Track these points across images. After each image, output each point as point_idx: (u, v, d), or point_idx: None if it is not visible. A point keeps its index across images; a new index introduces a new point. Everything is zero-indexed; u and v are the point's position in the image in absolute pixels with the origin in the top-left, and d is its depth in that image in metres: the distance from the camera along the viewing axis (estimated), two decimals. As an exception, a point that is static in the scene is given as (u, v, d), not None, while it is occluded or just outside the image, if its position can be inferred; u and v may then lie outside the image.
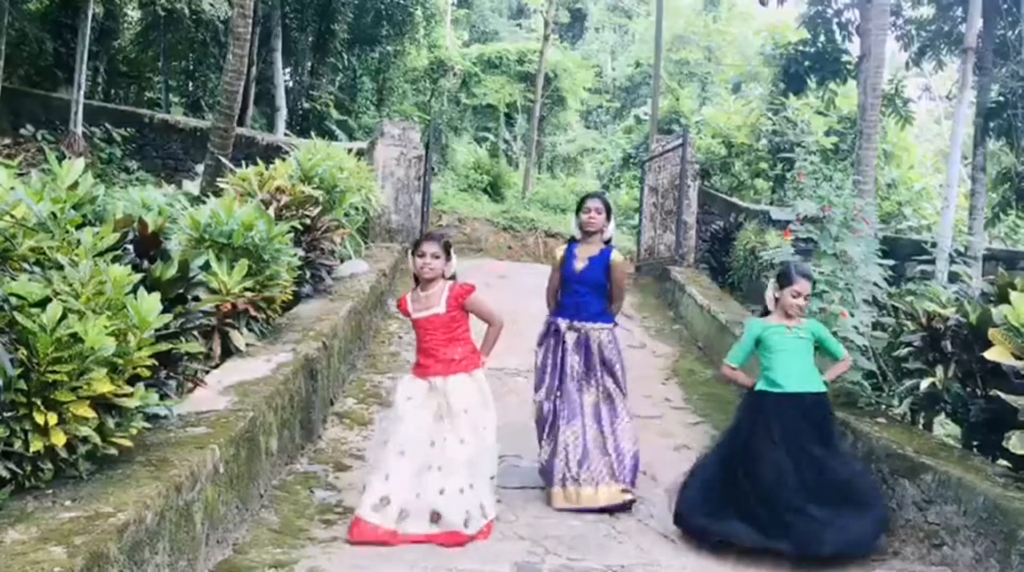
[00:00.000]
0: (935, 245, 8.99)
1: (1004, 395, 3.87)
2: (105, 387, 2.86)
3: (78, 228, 3.74)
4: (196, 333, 4.05)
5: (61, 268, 3.16)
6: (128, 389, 3.01)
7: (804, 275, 4.39)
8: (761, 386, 4.33)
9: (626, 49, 29.59)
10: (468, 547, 3.85)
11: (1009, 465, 4.02)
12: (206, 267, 4.67)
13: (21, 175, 4.18)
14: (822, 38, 14.32)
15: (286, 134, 15.99)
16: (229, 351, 4.71)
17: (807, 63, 14.59)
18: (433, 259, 4.14)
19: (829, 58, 14.35)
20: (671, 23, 23.32)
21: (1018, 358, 3.94)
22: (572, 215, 5.23)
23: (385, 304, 8.34)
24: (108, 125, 13.70)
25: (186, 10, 15.98)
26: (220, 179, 7.26)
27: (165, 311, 3.31)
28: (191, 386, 3.98)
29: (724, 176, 15.84)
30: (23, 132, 12.90)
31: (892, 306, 5.42)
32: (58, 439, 2.71)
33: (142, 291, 3.20)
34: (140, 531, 2.59)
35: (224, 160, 8.35)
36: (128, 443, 2.99)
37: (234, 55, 8.71)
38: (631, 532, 4.32)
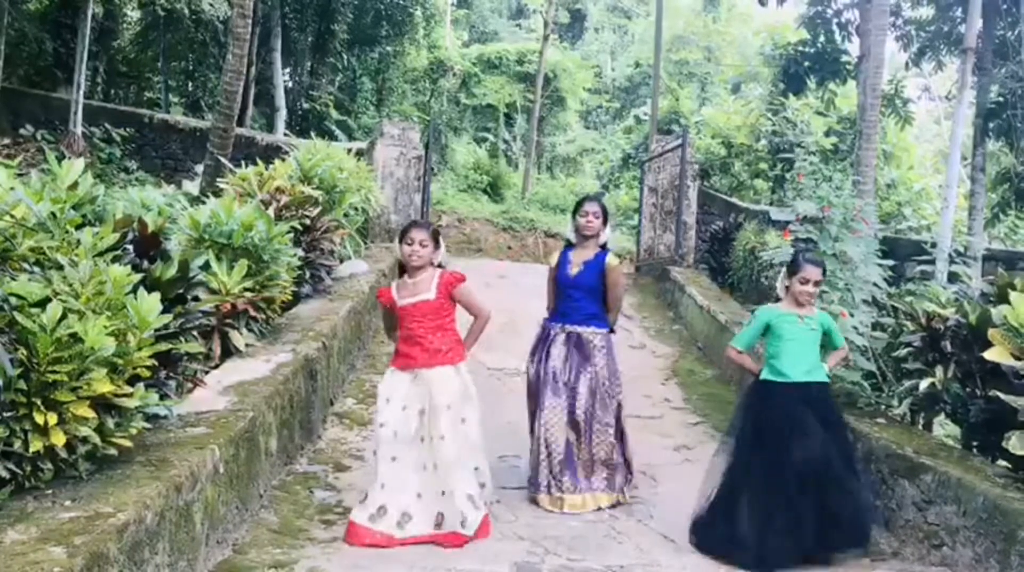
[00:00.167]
0: (935, 245, 8.99)
1: (1004, 395, 3.87)
2: (105, 387, 2.86)
3: (78, 228, 3.74)
4: (196, 333, 4.05)
5: (61, 268, 3.16)
6: (128, 389, 3.01)
7: (813, 262, 4.33)
8: (766, 375, 4.25)
9: (625, 49, 29.61)
10: (468, 547, 3.85)
11: (1009, 465, 4.02)
12: (206, 267, 4.67)
13: (21, 175, 4.18)
14: (822, 38, 14.34)
15: (286, 134, 15.97)
16: (229, 351, 4.71)
17: (807, 63, 14.61)
18: (422, 247, 4.12)
19: (829, 58, 14.36)
20: (671, 23, 23.31)
21: (1018, 358, 3.94)
22: (569, 217, 5.14)
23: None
24: (108, 125, 13.71)
25: (186, 10, 16.00)
26: (220, 179, 7.25)
27: (165, 311, 3.31)
28: (191, 386, 3.98)
29: (724, 176, 15.85)
30: (23, 132, 12.91)
31: (892, 306, 5.42)
32: (58, 439, 2.71)
33: (142, 291, 3.20)
34: (140, 531, 2.59)
35: (224, 160, 8.34)
36: (128, 443, 2.99)
37: (233, 55, 8.71)
38: (631, 532, 4.31)
